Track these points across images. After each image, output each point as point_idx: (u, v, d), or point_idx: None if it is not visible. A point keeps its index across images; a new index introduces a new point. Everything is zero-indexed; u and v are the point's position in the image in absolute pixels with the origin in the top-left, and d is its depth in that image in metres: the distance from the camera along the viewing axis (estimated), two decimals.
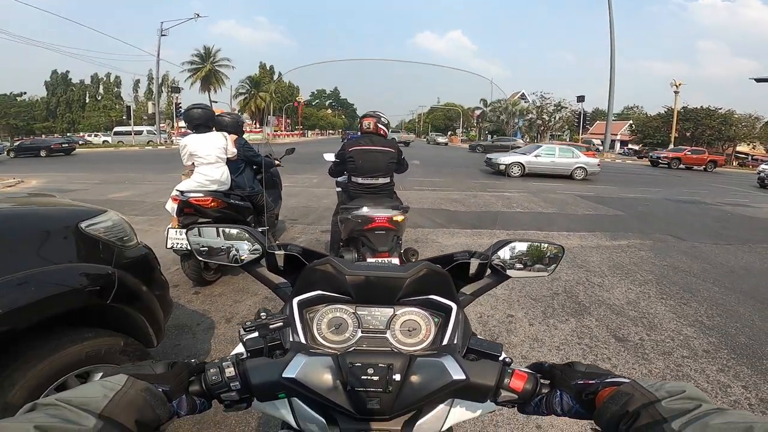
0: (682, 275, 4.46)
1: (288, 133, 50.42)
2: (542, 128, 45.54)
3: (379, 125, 3.29)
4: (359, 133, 3.45)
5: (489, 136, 49.54)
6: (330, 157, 3.55)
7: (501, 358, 0.63)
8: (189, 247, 3.13)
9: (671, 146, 32.43)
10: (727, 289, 4.07)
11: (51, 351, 1.40)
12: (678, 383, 0.49)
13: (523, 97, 49.91)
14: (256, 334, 0.65)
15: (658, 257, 5.14)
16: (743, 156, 37.11)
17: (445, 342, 0.75)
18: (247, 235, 0.90)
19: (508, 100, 47.19)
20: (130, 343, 1.65)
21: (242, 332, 0.66)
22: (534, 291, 3.80)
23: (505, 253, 0.90)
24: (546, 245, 0.93)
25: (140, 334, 1.77)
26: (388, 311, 0.79)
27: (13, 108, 49.87)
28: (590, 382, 0.57)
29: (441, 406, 0.67)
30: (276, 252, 0.88)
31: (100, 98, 54.14)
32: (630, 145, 42.76)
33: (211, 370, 0.59)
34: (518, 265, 0.91)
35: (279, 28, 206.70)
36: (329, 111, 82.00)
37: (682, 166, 25.70)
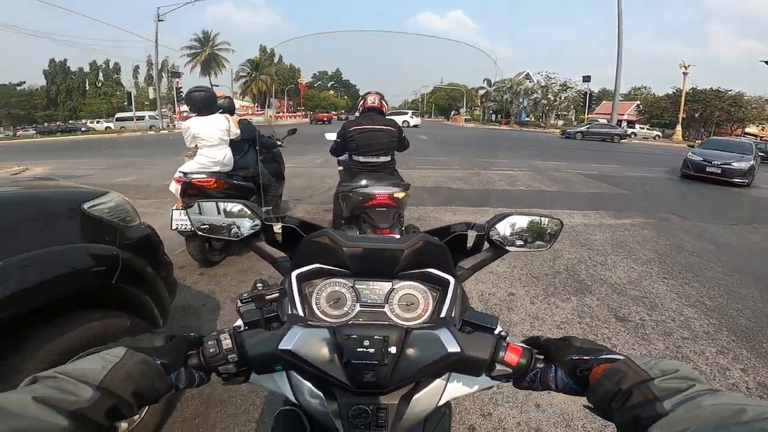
0: (685, 255, 4.45)
1: (291, 114, 50.00)
2: (547, 108, 44.95)
3: (383, 101, 3.28)
4: (356, 114, 3.44)
5: (493, 115, 48.91)
6: (331, 136, 3.54)
7: (496, 332, 0.62)
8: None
9: (678, 127, 32.48)
10: (729, 270, 4.04)
11: (58, 333, 1.39)
12: (672, 362, 0.48)
13: (527, 77, 49.16)
14: (253, 305, 0.65)
15: (661, 236, 5.12)
16: (752, 137, 37.06)
17: (442, 316, 0.74)
18: (246, 210, 0.89)
19: (513, 80, 46.48)
20: (137, 324, 1.65)
21: (239, 304, 0.66)
22: (535, 269, 3.81)
23: (505, 229, 0.89)
24: (546, 220, 0.91)
25: (146, 314, 1.77)
26: (387, 285, 0.79)
27: (13, 98, 49.39)
28: (585, 358, 0.55)
29: (437, 381, 0.67)
30: (273, 224, 0.87)
31: (100, 85, 53.50)
32: (638, 125, 42.41)
33: (209, 343, 0.59)
34: (518, 242, 0.90)
35: (277, 9, 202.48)
36: (331, 92, 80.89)
37: None
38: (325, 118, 38.98)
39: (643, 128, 36.13)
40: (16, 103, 49.24)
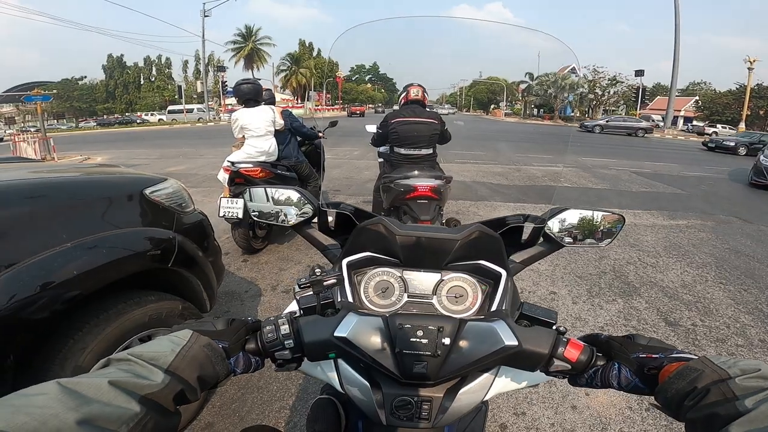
0: (745, 260, 4.13)
1: (329, 107, 50.61)
2: (594, 103, 42.80)
3: (426, 94, 3.25)
4: (395, 107, 3.44)
5: (535, 110, 47.34)
6: (372, 128, 3.56)
7: (555, 327, 0.60)
8: (239, 216, 3.31)
9: (742, 125, 29.94)
10: None
11: (119, 314, 1.45)
12: (753, 361, 0.47)
13: (573, 71, 46.82)
14: (310, 291, 0.65)
15: (719, 239, 4.77)
16: None
17: (493, 309, 0.72)
18: (298, 195, 0.91)
19: (557, 73, 44.48)
20: (187, 307, 1.71)
21: (297, 289, 0.66)
22: (579, 268, 3.67)
23: (563, 223, 0.86)
24: (607, 215, 0.87)
25: (196, 298, 1.83)
26: (435, 276, 0.78)
27: (75, 91, 52.12)
28: (653, 356, 0.54)
29: (486, 375, 0.66)
30: (328, 210, 0.88)
31: (153, 79, 55.51)
32: (695, 122, 39.39)
33: (268, 327, 0.60)
34: (577, 237, 0.86)
35: (313, 2, 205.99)
36: (369, 85, 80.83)
37: None
38: (358, 111, 39.97)
39: (725, 127, 32.96)
40: (79, 96, 52.09)
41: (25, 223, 1.31)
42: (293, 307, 0.71)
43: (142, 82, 55.49)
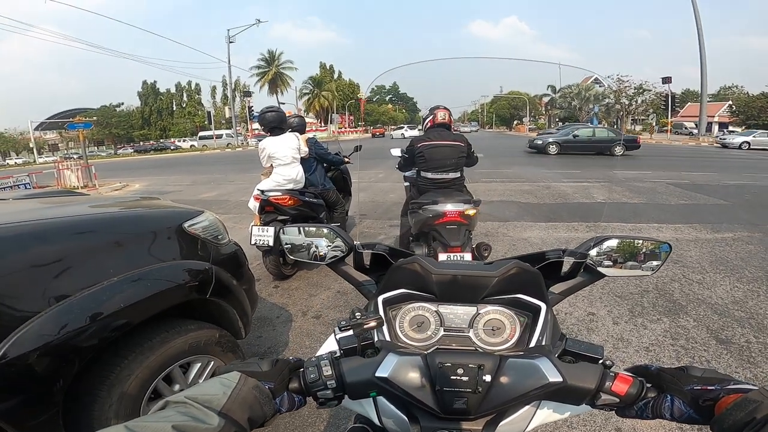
0: None
1: (352, 129, 51.28)
2: (622, 113, 41.68)
3: (451, 117, 3.27)
4: (419, 127, 3.48)
5: (560, 123, 46.63)
6: (396, 152, 3.58)
7: (601, 361, 0.60)
8: (270, 243, 3.37)
9: None
10: None
11: (162, 343, 1.50)
12: None
13: (596, 81, 45.93)
14: (350, 332, 0.66)
15: None
16: None
17: (533, 342, 0.72)
18: (332, 234, 0.93)
19: (580, 85, 43.78)
20: (224, 335, 1.75)
21: (337, 331, 0.67)
22: (619, 288, 3.52)
23: (603, 253, 0.85)
24: (650, 244, 0.85)
25: (231, 326, 1.88)
26: (471, 310, 0.78)
27: (113, 118, 53.85)
28: (709, 388, 0.53)
29: (527, 407, 0.65)
30: (364, 251, 0.90)
31: (184, 105, 56.50)
32: (731, 128, 37.63)
33: (310, 369, 0.62)
34: (618, 266, 0.85)
35: (331, 26, 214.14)
36: (390, 106, 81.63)
37: None
38: (378, 133, 42.26)
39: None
40: (117, 122, 53.88)
41: (76, 258, 1.37)
42: (331, 344, 0.72)
43: (174, 108, 56.67)
